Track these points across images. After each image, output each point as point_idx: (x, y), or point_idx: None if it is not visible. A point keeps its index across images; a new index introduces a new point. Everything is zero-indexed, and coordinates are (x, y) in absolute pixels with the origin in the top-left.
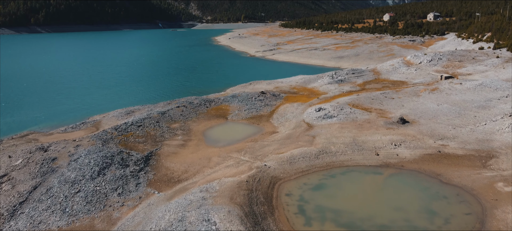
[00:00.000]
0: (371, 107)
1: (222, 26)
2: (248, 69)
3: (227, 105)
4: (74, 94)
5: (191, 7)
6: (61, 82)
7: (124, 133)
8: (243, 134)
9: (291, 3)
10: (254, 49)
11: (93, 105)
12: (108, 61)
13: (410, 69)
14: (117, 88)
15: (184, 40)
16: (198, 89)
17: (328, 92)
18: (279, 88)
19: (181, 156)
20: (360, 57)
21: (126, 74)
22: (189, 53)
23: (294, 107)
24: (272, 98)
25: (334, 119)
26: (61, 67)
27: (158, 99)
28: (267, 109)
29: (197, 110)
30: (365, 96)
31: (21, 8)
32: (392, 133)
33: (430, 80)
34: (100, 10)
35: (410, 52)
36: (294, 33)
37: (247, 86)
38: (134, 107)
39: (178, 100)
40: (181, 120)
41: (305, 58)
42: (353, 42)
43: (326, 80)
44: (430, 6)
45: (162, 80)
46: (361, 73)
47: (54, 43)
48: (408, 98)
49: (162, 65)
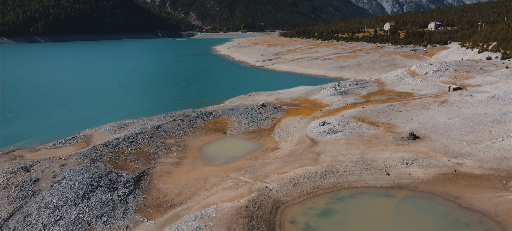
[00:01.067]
0: (378, 121)
1: (221, 36)
2: (247, 80)
3: (226, 119)
4: (68, 106)
5: (190, 16)
6: (56, 92)
7: (115, 150)
8: (243, 150)
9: (291, 13)
10: (253, 58)
11: (86, 117)
12: (106, 71)
13: (415, 80)
14: (112, 99)
15: (183, 50)
16: (196, 101)
17: (332, 104)
18: (280, 99)
19: (176, 176)
20: (362, 67)
21: (123, 85)
22: (188, 63)
23: (297, 120)
24: (273, 111)
25: (339, 134)
26: (57, 77)
27: (154, 111)
28: (268, 123)
29: (194, 124)
30: (371, 108)
31: (20, 17)
32: (403, 150)
33: (437, 92)
34: (100, 20)
35: (413, 61)
36: (294, 43)
37: (247, 97)
38: (128, 121)
39: (174, 113)
40: (176, 135)
41: (305, 68)
42: (354, 51)
43: (329, 92)
44: (430, 15)
45: (159, 91)
46: (365, 84)
47: (52, 52)
48: (417, 111)
49: (160, 75)
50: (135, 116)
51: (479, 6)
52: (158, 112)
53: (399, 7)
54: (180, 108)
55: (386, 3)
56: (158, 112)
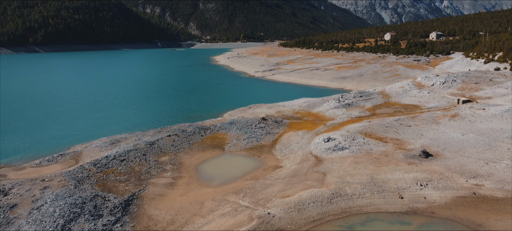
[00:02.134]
0: (386, 137)
1: (221, 46)
2: (247, 91)
3: (224, 133)
4: (61, 119)
5: (190, 26)
6: (50, 104)
7: (104, 169)
8: (242, 169)
9: (290, 23)
10: (253, 69)
11: (78, 131)
12: (103, 82)
13: (422, 92)
14: (107, 111)
15: (181, 60)
16: (194, 113)
17: (336, 118)
18: (281, 112)
19: (169, 199)
20: (364, 77)
21: (120, 96)
22: (186, 73)
23: (299, 135)
24: (274, 125)
25: (346, 151)
26: (53, 88)
27: (150, 124)
28: (269, 138)
29: (190, 140)
30: (377, 123)
31: (19, 27)
32: (416, 169)
33: (446, 104)
34: (99, 30)
35: (416, 72)
36: (294, 53)
37: (247, 110)
38: (121, 135)
39: (170, 127)
40: (171, 152)
41: (306, 79)
42: (356, 62)
43: (332, 104)
44: (430, 25)
45: (156, 103)
46: (370, 96)
47: (50, 63)
48: (427, 126)
49: (157, 87)
50: (129, 130)
51: (480, 16)
52: (154, 126)
53: (397, 17)
54: (177, 122)
55: (384, 13)
56: (153, 126)
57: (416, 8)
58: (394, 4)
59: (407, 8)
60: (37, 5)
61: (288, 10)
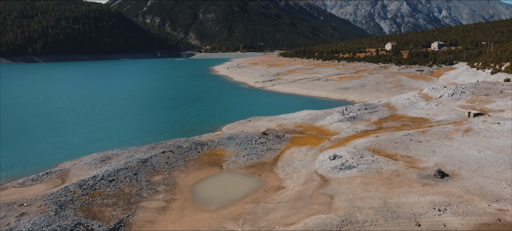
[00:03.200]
0: (396, 153)
1: (220, 55)
2: (247, 102)
3: (223, 150)
4: (54, 132)
5: (190, 36)
6: (43, 116)
7: (90, 191)
8: (242, 190)
9: (290, 33)
10: (253, 79)
11: (69, 146)
12: (100, 93)
13: (430, 104)
14: (102, 124)
15: (181, 70)
16: (191, 126)
17: (340, 132)
18: (283, 126)
19: (159, 226)
20: (367, 88)
21: (116, 108)
22: (185, 84)
23: (303, 152)
24: (275, 140)
25: (354, 170)
26: (47, 99)
27: (144, 138)
28: (270, 155)
29: (186, 157)
30: (386, 138)
31: (19, 37)
32: (432, 191)
33: (456, 118)
34: (99, 40)
35: (419, 83)
36: (294, 63)
37: (246, 123)
38: (113, 151)
39: (164, 143)
40: (165, 170)
41: (307, 89)
42: (357, 72)
43: (336, 117)
44: (431, 35)
45: (152, 115)
46: (375, 109)
47: (47, 73)
48: (439, 142)
49: (155, 98)
50: (122, 145)
51: (480, 26)
52: (149, 140)
53: (396, 27)
54: (173, 136)
55: (383, 23)
56: (148, 140)
57: (414, 18)
58: (393, 14)
59: (406, 18)
60: (36, 15)
61: (287, 20)
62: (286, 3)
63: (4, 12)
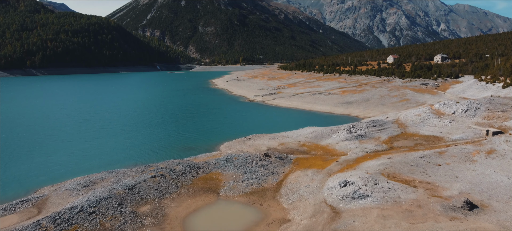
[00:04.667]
0: (414, 179)
1: (220, 68)
2: (246, 117)
3: (220, 173)
4: (39, 150)
5: (189, 49)
6: (32, 133)
7: (66, 227)
8: (240, 223)
9: (289, 46)
10: (253, 93)
11: (54, 166)
12: (95, 107)
13: (442, 121)
14: (92, 142)
15: (179, 83)
16: (186, 144)
17: (348, 153)
18: (285, 145)
19: None
20: (371, 102)
21: (109, 123)
22: (183, 98)
23: (309, 176)
24: (278, 163)
25: (368, 199)
26: (39, 114)
27: (135, 158)
28: (272, 180)
29: (179, 182)
30: (400, 160)
31: (17, 50)
32: (462, 227)
33: (473, 136)
34: (98, 53)
35: (425, 97)
36: (295, 76)
37: (246, 141)
38: (99, 175)
39: (156, 165)
40: (154, 199)
41: (309, 104)
42: (360, 85)
43: (343, 135)
44: (433, 48)
45: (146, 132)
46: (384, 126)
47: (44, 86)
48: (460, 165)
49: (150, 113)
50: (112, 165)
51: (482, 39)
52: (140, 160)
53: (395, 40)
54: (166, 156)
55: (382, 37)
56: (140, 160)
57: (413, 31)
58: (391, 28)
59: (405, 31)
60: (36, 28)
61: (287, 33)
62: (286, 17)
63: (4, 25)
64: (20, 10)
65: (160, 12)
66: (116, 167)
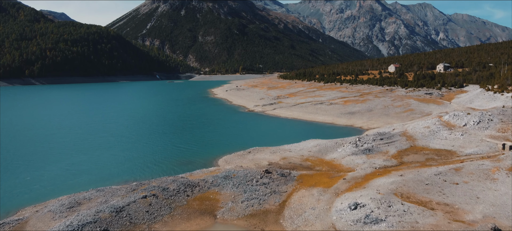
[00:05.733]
0: (431, 200)
1: (219, 78)
2: (246, 129)
3: (217, 192)
4: (27, 165)
5: (189, 59)
6: (22, 146)
7: None
8: None
9: (289, 55)
10: (253, 103)
11: (40, 183)
12: (91, 117)
13: (454, 134)
14: (83, 155)
15: (178, 93)
16: (182, 158)
17: (356, 168)
18: (288, 159)
19: None
20: (374, 112)
21: (103, 135)
22: (181, 108)
23: (314, 196)
24: (280, 180)
25: (382, 225)
26: (32, 125)
27: (127, 174)
28: (275, 200)
29: (172, 202)
30: (413, 178)
31: (16, 60)
32: None
33: (488, 151)
34: (97, 62)
35: (431, 107)
36: (295, 85)
37: (246, 155)
38: (86, 194)
39: (148, 183)
40: (145, 223)
41: (310, 114)
42: (362, 95)
43: (349, 149)
44: (434, 57)
45: (140, 145)
46: (391, 139)
47: (41, 95)
48: (480, 184)
49: (146, 124)
50: (102, 181)
51: (484, 48)
52: (132, 176)
53: (395, 49)
54: (160, 172)
55: (382, 46)
56: (132, 176)
57: (412, 41)
58: (391, 37)
59: (404, 40)
60: (35, 38)
61: (286, 43)
62: (285, 26)
63: (3, 34)
64: (20, 20)
65: (160, 22)
66: (106, 183)
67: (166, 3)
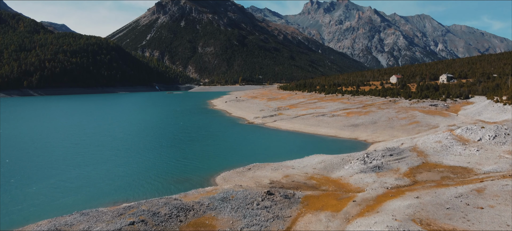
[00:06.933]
0: (455, 228)
1: (219, 89)
2: (246, 142)
3: (214, 218)
4: (13, 184)
5: (189, 70)
6: (10, 162)
7: None
8: None
9: (289, 66)
10: (252, 114)
11: (23, 204)
12: (85, 130)
13: (468, 149)
14: (73, 171)
15: (177, 104)
16: (176, 176)
17: (366, 188)
18: (291, 177)
19: None
20: (379, 125)
21: (97, 149)
22: (178, 120)
23: (322, 223)
24: (284, 203)
25: None
26: (24, 138)
27: (116, 193)
28: (278, 226)
29: (163, 230)
30: (431, 201)
31: (15, 71)
32: None
33: (508, 168)
34: (96, 73)
35: (437, 119)
36: (295, 96)
37: (245, 172)
38: (68, 218)
39: (137, 205)
40: None
41: (312, 126)
42: (365, 106)
43: (357, 167)
44: (435, 67)
45: (134, 160)
46: (401, 154)
47: (37, 107)
48: (507, 208)
49: (142, 137)
50: (86, 205)
51: (486, 58)
52: (122, 195)
53: (394, 60)
54: (151, 191)
55: (381, 57)
56: (121, 195)
57: (411, 52)
58: (390, 48)
59: (403, 51)
60: (34, 49)
61: (286, 54)
62: (285, 37)
63: (2, 45)
64: (20, 31)
65: (159, 33)
66: (93, 204)
67: (166, 14)
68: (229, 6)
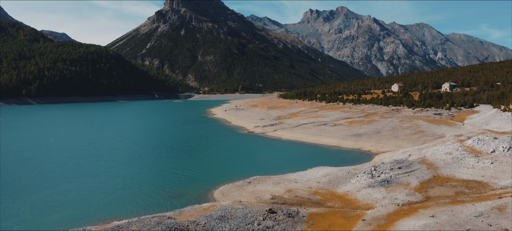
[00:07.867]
0: None
1: (219, 97)
2: (246, 153)
3: None
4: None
5: (188, 78)
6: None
7: None
8: None
9: (288, 74)
10: (252, 123)
11: (4, 222)
12: (81, 140)
13: (482, 162)
14: (64, 185)
15: (176, 113)
16: (171, 190)
17: (375, 205)
18: (294, 192)
19: None
20: (383, 134)
21: (91, 160)
22: (177, 129)
23: None
24: (287, 222)
25: None
26: (18, 148)
27: (107, 209)
28: None
29: None
30: (449, 221)
31: (14, 79)
32: None
33: None
34: (96, 82)
35: (442, 128)
36: (296, 105)
37: (245, 186)
38: None
39: (127, 225)
40: None
41: (314, 136)
42: (367, 115)
43: (364, 181)
44: (437, 75)
45: (128, 172)
46: (410, 167)
47: (35, 115)
48: None
49: (138, 147)
50: (73, 223)
51: (488, 66)
52: (112, 212)
53: (393, 68)
54: (145, 208)
55: (381, 65)
56: (112, 212)
57: (411, 60)
58: (389, 56)
59: (403, 59)
60: (34, 57)
61: (286, 62)
62: (284, 46)
63: (1, 54)
64: (19, 39)
65: (159, 41)
66: (81, 222)
67: (166, 23)
68: (229, 15)
